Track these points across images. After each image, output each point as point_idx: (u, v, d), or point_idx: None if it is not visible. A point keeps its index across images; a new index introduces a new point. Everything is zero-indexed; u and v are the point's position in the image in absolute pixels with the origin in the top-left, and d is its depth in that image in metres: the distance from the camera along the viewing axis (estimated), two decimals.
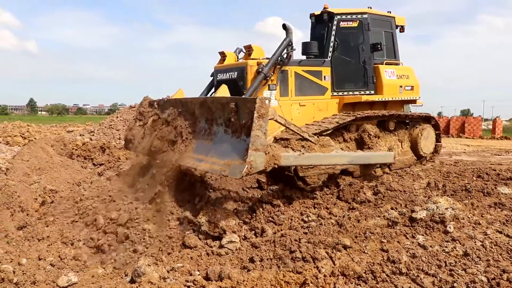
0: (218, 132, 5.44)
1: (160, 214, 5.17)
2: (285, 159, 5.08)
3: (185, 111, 6.06)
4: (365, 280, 3.57)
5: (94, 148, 9.61)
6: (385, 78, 8.59)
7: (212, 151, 5.28)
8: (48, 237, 4.89)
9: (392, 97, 8.75)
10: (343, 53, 8.26)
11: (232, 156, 4.87)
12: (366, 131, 7.54)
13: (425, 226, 4.50)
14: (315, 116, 7.64)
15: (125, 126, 15.90)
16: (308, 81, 7.78)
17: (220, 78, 7.69)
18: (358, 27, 8.36)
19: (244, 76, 7.09)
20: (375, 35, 8.61)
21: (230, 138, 5.17)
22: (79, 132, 17.11)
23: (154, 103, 6.89)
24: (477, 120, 26.52)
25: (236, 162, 4.73)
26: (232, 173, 4.72)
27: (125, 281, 3.81)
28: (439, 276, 3.52)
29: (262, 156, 4.70)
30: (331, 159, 5.79)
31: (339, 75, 8.19)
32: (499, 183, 6.34)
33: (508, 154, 13.79)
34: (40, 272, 4.03)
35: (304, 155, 5.37)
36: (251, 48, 7.46)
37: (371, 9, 8.74)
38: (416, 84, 9.25)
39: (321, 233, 4.53)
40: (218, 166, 4.94)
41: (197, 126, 5.82)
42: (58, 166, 7.19)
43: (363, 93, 8.40)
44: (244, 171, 4.51)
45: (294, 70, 7.53)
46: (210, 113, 5.63)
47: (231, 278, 3.63)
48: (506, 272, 3.50)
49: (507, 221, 4.67)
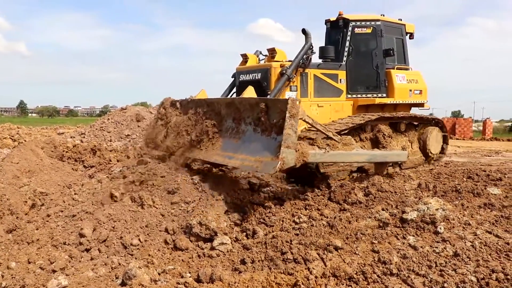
0: (246, 131, 5.78)
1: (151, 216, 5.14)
2: (312, 156, 5.45)
3: (210, 111, 6.37)
4: (356, 281, 3.58)
5: (85, 150, 9.53)
6: (396, 82, 9.11)
7: (241, 148, 5.63)
8: (38, 240, 4.84)
9: (403, 100, 9.27)
10: (357, 58, 8.76)
11: (264, 153, 5.21)
12: (381, 131, 7.97)
13: (416, 227, 4.53)
14: (332, 117, 8.08)
15: (116, 128, 15.89)
16: (326, 84, 8.27)
17: (242, 79, 8.22)
18: (371, 33, 8.88)
19: (268, 77, 7.60)
20: (387, 41, 9.12)
21: (260, 137, 5.50)
22: (69, 134, 17.04)
23: (176, 103, 7.20)
24: (468, 122, 26.75)
25: (268, 159, 5.06)
26: (265, 169, 5.09)
27: (116, 283, 3.79)
28: (430, 277, 3.54)
29: (293, 153, 5.03)
30: (352, 157, 6.21)
31: (353, 79, 8.67)
32: (488, 183, 6.41)
33: (498, 155, 13.92)
34: (30, 276, 3.99)
35: (329, 152, 5.73)
36: (274, 51, 7.94)
37: (384, 16, 9.26)
38: (424, 88, 9.76)
39: (312, 234, 4.54)
40: (250, 162, 5.30)
41: (224, 125, 6.17)
42: (48, 169, 7.12)
43: (375, 96, 8.93)
44: (277, 167, 4.85)
45: (313, 72, 8.02)
46: (238, 112, 5.95)
47: (222, 280, 3.63)
48: (495, 272, 3.53)
49: (497, 222, 4.72)
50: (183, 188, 5.62)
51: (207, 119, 6.31)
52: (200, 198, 5.51)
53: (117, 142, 14.53)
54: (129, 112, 16.56)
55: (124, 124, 15.88)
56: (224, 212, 5.20)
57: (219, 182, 5.87)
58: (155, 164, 6.35)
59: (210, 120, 6.25)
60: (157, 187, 5.69)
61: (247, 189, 5.89)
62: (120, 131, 15.47)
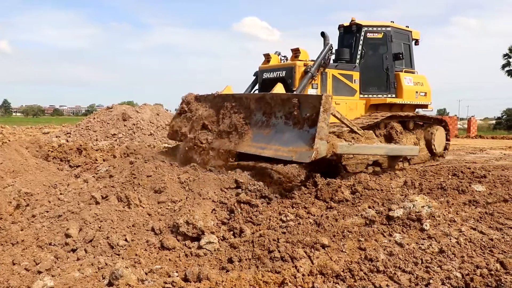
0: (277, 124, 6.31)
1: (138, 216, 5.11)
2: (341, 147, 6.09)
3: (239, 105, 6.85)
4: (343, 278, 3.60)
5: (70, 150, 9.45)
6: (405, 84, 9.84)
7: (273, 140, 6.14)
8: (23, 241, 4.78)
9: (410, 101, 9.99)
10: (369, 60, 9.50)
11: (298, 144, 5.76)
12: (394, 128, 8.68)
13: (402, 224, 4.57)
14: (347, 115, 8.57)
15: (102, 127, 15.75)
16: (342, 83, 8.94)
17: (266, 76, 8.93)
18: (382, 38, 9.64)
19: (292, 75, 8.31)
20: (396, 46, 9.89)
21: (292, 129, 6.03)
22: (55, 133, 16.86)
23: (200, 98, 7.75)
24: (453, 120, 27.06)
25: (303, 149, 5.62)
26: (301, 158, 5.62)
27: (102, 284, 3.76)
28: (416, 273, 3.58)
29: (325, 144, 5.61)
30: (373, 149, 6.90)
31: (365, 79, 9.34)
32: (473, 181, 6.49)
33: (482, 152, 14.09)
34: (14, 277, 3.94)
35: (354, 145, 6.38)
36: (298, 51, 8.63)
37: (393, 23, 10.01)
38: (429, 91, 10.57)
39: (299, 232, 4.55)
40: (283, 152, 5.84)
41: (253, 118, 6.66)
42: (33, 169, 7.03)
43: (385, 96, 9.62)
44: (312, 156, 5.43)
45: (332, 72, 8.70)
46: (268, 107, 6.48)
47: (209, 279, 3.62)
48: (479, 267, 3.58)
49: (481, 218, 4.78)
50: (170, 187, 5.60)
51: (235, 113, 6.77)
52: (187, 197, 5.49)
53: (103, 141, 14.43)
54: (115, 111, 16.45)
55: (111, 123, 15.75)
56: (211, 211, 5.19)
57: (206, 181, 5.86)
58: (142, 163, 6.32)
59: (239, 114, 6.71)
60: (143, 187, 5.66)
61: (234, 187, 5.88)
62: (106, 130, 15.35)
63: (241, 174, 6.18)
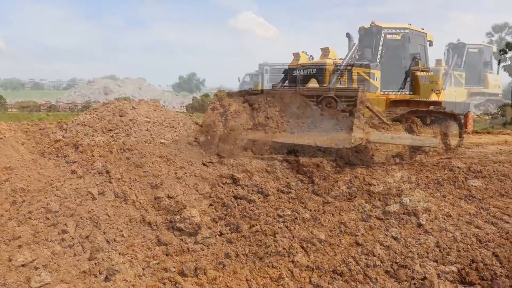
0: (315, 115, 6.88)
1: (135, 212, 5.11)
2: (373, 136, 6.71)
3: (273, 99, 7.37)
4: (340, 273, 3.61)
5: (67, 146, 9.40)
6: (421, 82, 10.56)
7: (311, 129, 6.73)
8: (20, 237, 4.77)
9: (426, 98, 10.62)
10: (389, 60, 10.17)
11: (335, 132, 6.41)
12: (414, 122, 9.22)
13: (398, 219, 4.58)
14: None
15: (98, 123, 15.69)
16: (366, 81, 9.62)
17: (295, 74, 9.81)
18: (401, 39, 10.38)
19: (323, 72, 9.22)
20: (413, 46, 10.59)
21: (330, 119, 6.67)
22: (51, 129, 16.76)
23: (232, 94, 8.38)
24: None
25: (341, 137, 6.26)
26: (341, 144, 6.27)
27: (99, 279, 3.77)
28: (412, 268, 3.59)
29: (361, 133, 6.31)
30: (400, 139, 7.43)
31: (385, 77, 10.01)
32: (469, 176, 6.49)
33: (478, 147, 14.12)
34: (11, 274, 3.94)
35: (384, 134, 7.05)
36: (328, 50, 9.66)
37: (411, 25, 10.70)
38: (441, 89, 11.28)
39: (296, 227, 4.55)
40: (323, 140, 6.43)
41: (288, 111, 7.16)
42: (29, 164, 7.00)
43: (404, 93, 10.35)
44: (352, 142, 6.09)
45: (357, 70, 9.51)
46: (303, 100, 7.09)
47: (206, 274, 3.63)
48: (475, 262, 3.60)
49: (477, 213, 4.79)
50: (166, 183, 5.59)
51: (270, 107, 7.25)
52: (184, 193, 5.49)
53: (100, 137, 14.36)
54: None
55: (107, 119, 15.69)
56: (208, 207, 5.19)
57: (203, 177, 5.85)
58: (139, 159, 6.30)
59: (274, 107, 7.20)
60: (140, 182, 5.65)
61: (230, 183, 5.88)
62: (103, 126, 15.29)
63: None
